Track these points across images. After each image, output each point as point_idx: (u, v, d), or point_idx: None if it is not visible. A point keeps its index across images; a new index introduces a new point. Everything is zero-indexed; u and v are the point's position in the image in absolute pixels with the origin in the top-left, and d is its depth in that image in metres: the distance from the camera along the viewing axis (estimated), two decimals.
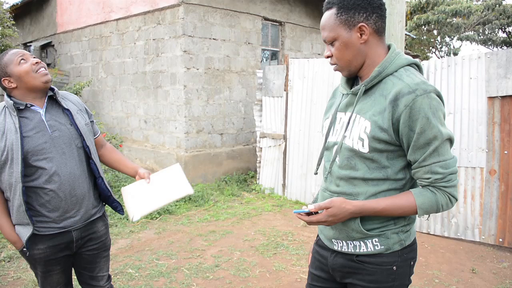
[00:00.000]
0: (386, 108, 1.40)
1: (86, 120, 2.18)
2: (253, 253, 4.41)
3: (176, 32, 7.01)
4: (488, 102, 4.53)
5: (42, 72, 2.00)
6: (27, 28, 11.64)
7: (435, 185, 1.41)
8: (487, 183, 4.59)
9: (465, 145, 4.70)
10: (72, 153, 2.06)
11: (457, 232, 4.81)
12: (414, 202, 1.43)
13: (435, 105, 1.36)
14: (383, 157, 1.45)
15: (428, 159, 1.39)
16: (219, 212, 5.89)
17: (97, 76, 9.11)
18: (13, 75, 1.96)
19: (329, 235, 1.61)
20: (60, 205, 2.02)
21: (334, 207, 1.45)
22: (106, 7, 8.59)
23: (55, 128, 2.02)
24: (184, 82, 6.98)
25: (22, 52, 2.01)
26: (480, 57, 4.58)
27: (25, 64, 1.97)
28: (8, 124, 1.93)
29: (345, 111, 1.56)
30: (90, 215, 2.17)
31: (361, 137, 1.45)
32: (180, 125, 7.12)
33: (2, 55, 2.01)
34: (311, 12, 9.16)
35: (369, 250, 1.51)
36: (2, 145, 1.91)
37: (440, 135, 1.36)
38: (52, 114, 2.05)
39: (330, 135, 1.62)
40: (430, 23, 19.77)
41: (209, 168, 7.38)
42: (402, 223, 1.51)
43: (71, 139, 2.07)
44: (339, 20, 1.44)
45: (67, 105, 2.11)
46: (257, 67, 8.07)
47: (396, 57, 1.47)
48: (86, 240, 2.17)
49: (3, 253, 4.19)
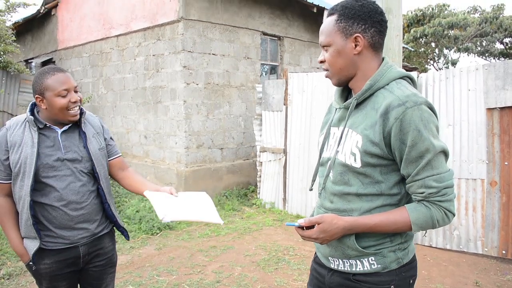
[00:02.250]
0: (377, 121, 1.37)
1: (101, 145, 2.18)
2: (254, 269, 4.38)
3: (175, 47, 7.06)
4: (487, 114, 4.54)
5: (73, 113, 2.01)
6: (28, 44, 11.73)
7: (430, 199, 1.36)
8: (488, 195, 4.57)
9: (465, 157, 4.70)
10: (82, 174, 2.08)
11: (460, 245, 4.78)
12: (408, 217, 1.38)
13: (426, 117, 1.33)
14: (376, 171, 1.42)
15: (421, 172, 1.35)
16: (220, 227, 5.86)
17: (98, 91, 9.15)
18: (47, 100, 1.97)
19: (325, 252, 1.58)
20: (68, 222, 2.03)
21: (325, 223, 1.42)
22: (107, 23, 8.66)
23: (69, 149, 2.05)
24: (184, 97, 7.00)
25: (67, 84, 1.98)
26: (478, 68, 4.60)
27: (64, 99, 1.97)
28: (26, 138, 1.97)
29: (338, 126, 1.55)
30: (98, 231, 2.17)
31: (353, 151, 1.43)
32: (180, 140, 7.13)
33: (49, 72, 1.99)
34: (309, 27, 9.23)
35: (365, 269, 1.47)
36: (17, 158, 1.94)
37: (432, 147, 1.33)
38: (68, 135, 2.08)
39: (324, 150, 1.61)
40: (427, 35, 19.93)
41: (209, 183, 7.36)
42: (398, 240, 1.47)
43: (82, 161, 2.09)
44: (337, 27, 1.45)
45: (85, 128, 2.13)
46: (257, 82, 8.10)
47: (388, 70, 1.46)
48: (93, 256, 2.17)
49: (2, 270, 4.16)
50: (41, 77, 1.98)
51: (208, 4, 7.22)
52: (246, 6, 7.88)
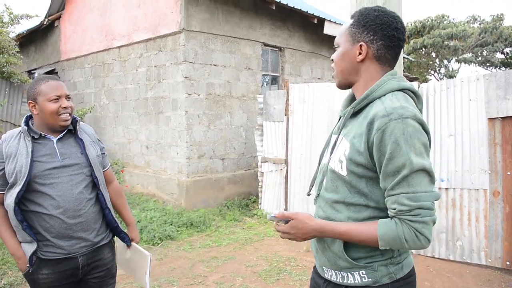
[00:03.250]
0: (364, 131, 1.36)
1: (97, 152, 2.23)
2: (255, 279, 4.35)
3: (177, 58, 7.10)
4: (489, 124, 4.54)
5: (64, 117, 2.05)
6: (31, 55, 11.81)
7: (400, 217, 1.31)
8: (491, 205, 4.55)
9: (467, 167, 4.69)
10: (80, 180, 2.09)
11: (463, 255, 4.75)
12: (376, 231, 1.34)
13: (410, 131, 1.28)
14: (362, 183, 1.40)
15: (396, 188, 1.30)
16: (221, 237, 5.84)
17: (100, 102, 9.18)
18: (39, 105, 2.03)
19: (320, 262, 1.57)
20: (66, 231, 2.02)
21: (297, 220, 1.47)
22: (109, 35, 8.72)
23: (65, 156, 2.08)
24: (185, 108, 7.02)
25: (59, 91, 2.06)
26: (479, 78, 4.61)
27: (55, 104, 2.02)
28: (21, 148, 2.00)
29: (337, 133, 1.55)
30: (97, 241, 2.16)
31: (340, 159, 1.43)
32: (181, 151, 7.13)
33: (43, 80, 2.06)
34: (310, 37, 9.28)
35: (356, 282, 1.44)
36: (12, 168, 1.97)
37: (409, 164, 1.27)
38: (64, 142, 2.11)
39: (323, 157, 1.62)
40: (426, 46, 20.02)
41: (210, 193, 7.35)
42: (389, 254, 1.42)
43: (81, 167, 2.11)
44: (349, 31, 1.49)
45: (82, 135, 2.18)
46: (258, 92, 8.13)
47: (387, 81, 1.43)
48: (92, 267, 2.15)
49: (3, 280, 4.14)
50: (35, 83, 2.05)
51: (210, 16, 7.27)
52: (247, 17, 7.93)
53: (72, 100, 2.12)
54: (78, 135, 2.15)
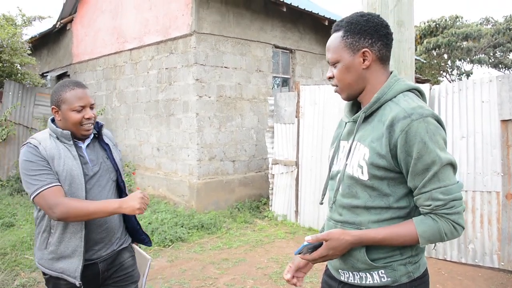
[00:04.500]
0: (384, 134, 1.37)
1: (120, 156, 2.23)
2: (266, 281, 4.35)
3: (188, 61, 7.13)
4: (502, 125, 4.50)
5: (86, 127, 2.00)
6: (44, 58, 11.95)
7: (437, 212, 1.34)
8: (504, 208, 4.51)
9: (479, 169, 4.65)
10: (108, 186, 2.08)
11: (475, 258, 4.70)
12: (415, 230, 1.37)
13: (432, 129, 1.33)
14: (384, 184, 1.41)
15: (428, 185, 1.34)
16: (232, 239, 5.85)
17: (111, 104, 9.26)
18: (62, 113, 1.98)
19: (336, 265, 1.57)
20: (90, 236, 1.99)
21: (332, 240, 1.41)
22: (120, 37, 8.80)
23: (94, 162, 2.05)
24: (196, 110, 7.06)
25: (84, 101, 1.98)
26: (492, 80, 4.57)
27: (78, 115, 1.96)
28: (63, 151, 1.95)
29: (347, 139, 1.55)
30: (117, 246, 2.14)
31: (360, 164, 1.43)
32: (192, 153, 7.16)
33: (68, 86, 1.99)
34: (321, 39, 9.27)
35: (375, 282, 1.45)
36: (60, 170, 1.91)
37: (438, 159, 1.32)
38: (91, 149, 2.08)
39: (334, 164, 1.61)
40: (440, 46, 19.84)
41: (221, 195, 7.37)
42: (409, 253, 1.45)
43: (108, 172, 2.10)
44: (344, 43, 1.46)
45: (106, 140, 2.16)
46: (269, 94, 8.14)
47: (395, 83, 1.46)
48: (112, 272, 2.12)
49: (16, 281, 4.19)
50: (60, 89, 1.99)
51: (220, 18, 7.30)
52: (258, 20, 7.95)
53: (94, 101, 2.05)
54: (103, 140, 2.14)
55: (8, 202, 7.37)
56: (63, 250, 1.94)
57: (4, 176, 8.92)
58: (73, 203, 1.86)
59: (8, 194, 7.95)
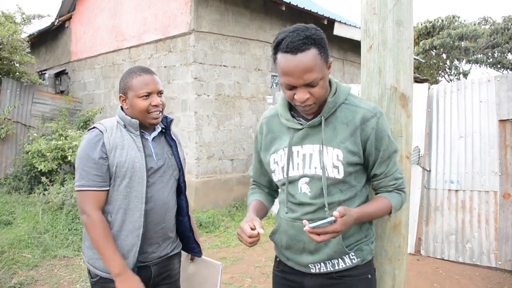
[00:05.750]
0: (354, 133, 1.51)
1: (184, 155, 2.11)
2: (264, 280, 4.36)
3: (187, 59, 7.13)
4: (500, 125, 4.51)
5: (154, 115, 1.89)
6: (42, 56, 11.92)
7: (399, 187, 1.61)
8: (501, 207, 4.52)
9: (477, 169, 4.66)
10: (170, 183, 1.97)
11: (472, 258, 4.72)
12: (390, 204, 1.58)
13: (387, 123, 1.58)
14: (352, 178, 1.56)
15: (391, 169, 1.58)
16: (230, 238, 5.85)
17: (109, 103, 9.25)
18: (129, 101, 1.90)
19: (304, 261, 1.61)
20: (147, 235, 1.87)
21: (348, 215, 1.41)
22: (119, 35, 8.79)
23: (159, 156, 1.94)
24: (195, 109, 7.05)
25: (151, 87, 1.88)
26: (490, 80, 4.58)
27: (145, 102, 1.86)
28: (128, 141, 1.85)
29: (302, 144, 1.57)
30: (170, 250, 2.02)
31: (335, 165, 1.52)
32: (191, 151, 7.16)
33: (135, 72, 1.91)
34: None
35: (347, 265, 1.59)
36: (123, 160, 1.81)
37: (396, 148, 1.59)
38: (157, 142, 1.97)
39: (290, 169, 1.59)
40: (436, 47, 19.86)
41: (219, 194, 7.37)
42: (371, 234, 1.67)
43: (171, 169, 1.98)
44: (322, 60, 1.43)
45: (173, 136, 2.05)
46: (267, 93, 8.14)
47: (339, 85, 1.59)
48: (162, 278, 1.99)
49: (14, 279, 4.17)
50: (127, 76, 1.92)
51: (219, 17, 7.30)
52: (257, 19, 7.95)
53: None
54: (170, 135, 2.02)
55: (5, 200, 7.36)
56: (118, 248, 1.80)
57: (2, 174, 8.90)
58: (96, 228, 1.76)
59: (6, 192, 7.93)
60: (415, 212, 5.02)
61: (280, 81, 1.48)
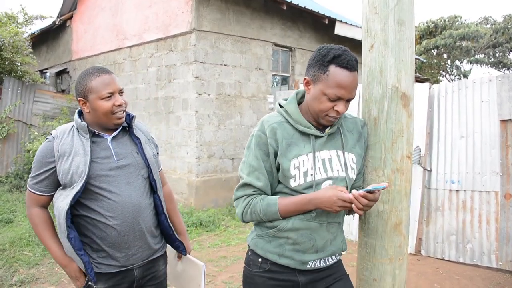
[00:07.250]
0: (360, 138, 1.76)
1: (153, 151, 2.03)
2: None
3: (188, 58, 7.13)
4: (501, 125, 4.50)
5: (119, 116, 1.85)
6: (43, 55, 11.93)
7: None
8: (502, 208, 4.51)
9: (478, 169, 4.65)
10: (138, 183, 1.89)
11: (473, 258, 4.71)
12: None
13: None
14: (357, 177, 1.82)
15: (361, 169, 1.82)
16: (230, 237, 5.85)
17: None
18: (90, 104, 1.82)
19: (306, 259, 1.69)
20: (123, 240, 1.83)
21: None
22: (120, 34, 8.79)
23: (121, 156, 1.87)
24: (195, 108, 7.05)
25: (112, 86, 1.83)
26: (491, 80, 4.57)
27: (108, 103, 1.81)
28: (76, 146, 1.79)
29: (321, 150, 1.68)
30: (153, 252, 1.98)
31: (352, 167, 1.72)
32: (191, 150, 7.16)
33: (93, 73, 1.84)
34: (320, 38, 9.26)
35: (337, 259, 1.81)
36: (67, 167, 1.76)
37: None
38: (119, 141, 1.91)
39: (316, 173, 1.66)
40: (438, 47, 19.84)
41: (220, 193, 7.37)
42: None
43: (138, 168, 1.91)
44: None
45: (137, 133, 1.98)
46: (268, 93, 8.13)
47: None
48: (146, 280, 1.98)
49: (15, 277, 4.19)
50: (85, 78, 1.83)
51: (220, 16, 7.30)
52: (258, 18, 7.94)
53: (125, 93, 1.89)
54: (134, 133, 1.95)
55: (7, 198, 7.37)
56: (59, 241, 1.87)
57: (3, 172, 8.91)
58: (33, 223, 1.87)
59: (7, 191, 7.95)
60: (415, 212, 5.02)
61: (326, 92, 1.56)
